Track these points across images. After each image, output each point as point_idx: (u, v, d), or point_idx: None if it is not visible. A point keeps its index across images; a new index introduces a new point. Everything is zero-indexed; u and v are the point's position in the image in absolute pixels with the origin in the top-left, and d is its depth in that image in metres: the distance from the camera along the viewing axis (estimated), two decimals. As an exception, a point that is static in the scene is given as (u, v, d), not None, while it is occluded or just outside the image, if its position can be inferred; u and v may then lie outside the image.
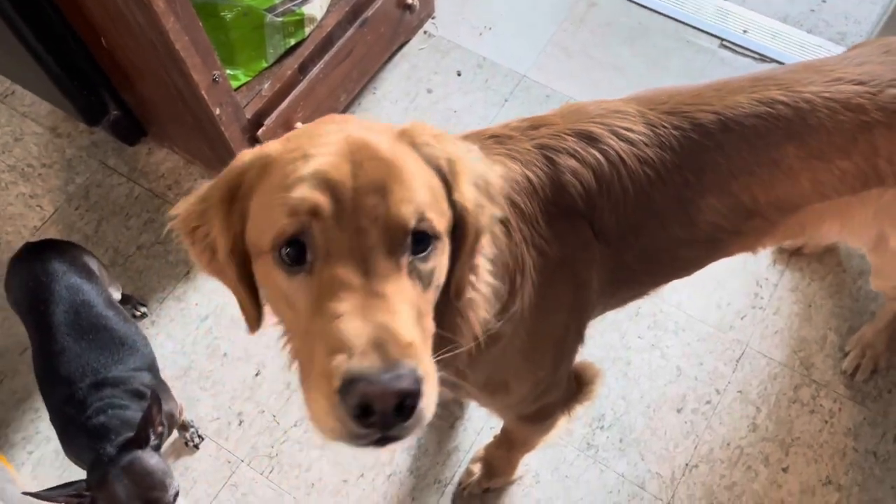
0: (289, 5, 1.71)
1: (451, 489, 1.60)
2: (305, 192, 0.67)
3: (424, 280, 0.72)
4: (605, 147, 0.99)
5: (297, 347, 0.76)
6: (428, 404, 0.64)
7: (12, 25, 1.57)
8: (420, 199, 0.70)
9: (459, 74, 2.11)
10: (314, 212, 0.67)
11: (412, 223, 0.69)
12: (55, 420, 1.39)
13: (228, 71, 1.69)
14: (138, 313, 1.79)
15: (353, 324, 0.63)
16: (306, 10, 1.73)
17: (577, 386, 1.26)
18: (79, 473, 1.35)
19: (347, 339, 0.62)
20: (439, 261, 0.74)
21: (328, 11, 1.80)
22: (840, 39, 2.11)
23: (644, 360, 1.72)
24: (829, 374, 1.68)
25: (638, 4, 2.20)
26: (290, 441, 1.67)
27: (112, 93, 1.87)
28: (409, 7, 1.99)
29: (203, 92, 1.52)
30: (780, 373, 1.69)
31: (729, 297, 1.76)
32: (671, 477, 1.60)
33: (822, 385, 1.67)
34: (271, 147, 0.75)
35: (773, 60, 2.08)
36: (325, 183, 0.68)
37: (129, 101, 1.90)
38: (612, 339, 1.73)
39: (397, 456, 1.65)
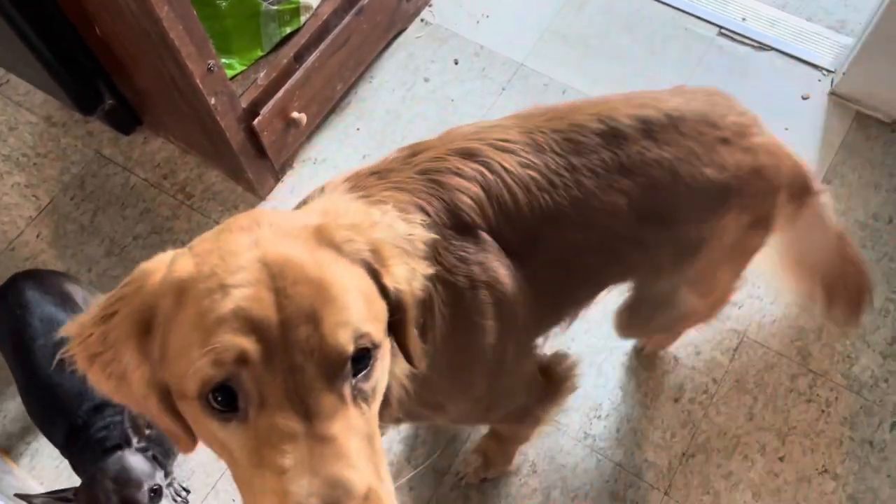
0: (284, -7, 1.69)
1: (448, 479, 1.61)
2: (228, 339, 0.60)
3: (370, 397, 0.67)
4: (486, 159, 0.96)
5: (242, 494, 0.68)
6: None
7: (4, 12, 1.56)
8: (355, 317, 0.64)
9: (457, 63, 2.10)
10: (241, 359, 0.60)
11: (351, 348, 0.63)
12: (65, 453, 1.37)
13: (224, 60, 1.68)
14: None
15: (301, 482, 0.58)
16: (302, -3, 1.71)
17: (551, 384, 1.22)
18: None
19: (298, 499, 0.57)
20: (383, 368, 0.70)
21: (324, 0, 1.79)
22: (840, 27, 2.10)
23: (641, 350, 1.72)
24: (826, 363, 1.68)
25: (636, -8, 2.18)
26: (288, 431, 1.67)
27: (106, 82, 1.86)
28: (406, -5, 1.98)
29: (198, 81, 1.51)
30: (778, 362, 1.69)
31: (726, 286, 1.76)
32: (668, 466, 1.60)
33: (819, 374, 1.67)
34: (180, 268, 0.66)
35: (771, 48, 2.06)
36: (250, 323, 0.61)
37: (124, 90, 1.89)
38: (610, 330, 1.72)
39: (395, 446, 1.65)
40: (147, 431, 1.28)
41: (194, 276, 0.64)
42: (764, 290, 1.76)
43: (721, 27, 2.11)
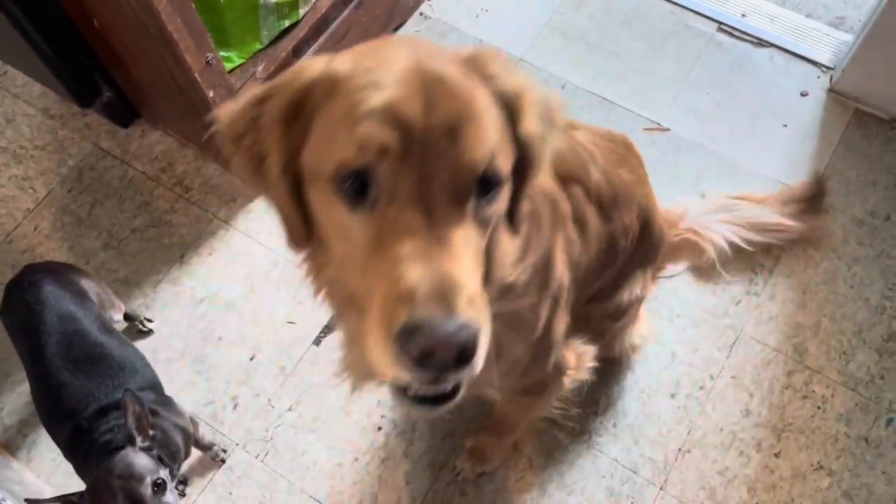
0: (283, -14, 1.69)
1: (445, 474, 1.61)
2: (375, 129, 0.64)
3: (486, 224, 0.70)
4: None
5: (348, 282, 0.72)
6: (481, 354, 0.63)
7: (2, 5, 1.55)
8: (492, 141, 0.68)
9: (456, 57, 2.09)
10: (382, 150, 0.64)
11: (483, 166, 0.66)
12: (68, 455, 1.36)
13: (222, 53, 1.67)
14: (145, 329, 1.76)
15: (416, 269, 0.61)
16: (301, -9, 1.71)
17: (566, 367, 1.25)
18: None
19: (411, 284, 0.60)
20: (502, 203, 0.73)
21: (323, -7, 1.78)
22: (839, 24, 2.10)
23: (638, 346, 1.72)
24: (823, 360, 1.69)
25: (636, -13, 2.18)
26: (285, 425, 1.67)
27: (104, 74, 1.85)
28: (405, -12, 1.97)
29: (196, 75, 1.50)
30: (774, 359, 1.70)
31: (724, 283, 1.77)
32: (664, 461, 1.61)
33: (815, 371, 1.68)
34: (339, 64, 0.70)
35: (770, 45, 2.06)
36: (396, 121, 0.64)
37: (122, 83, 1.89)
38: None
39: (392, 440, 1.65)
40: (151, 432, 1.27)
41: (350, 72, 0.68)
42: (762, 286, 1.76)
43: (720, 23, 2.11)
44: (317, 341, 1.75)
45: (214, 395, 1.71)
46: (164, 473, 1.23)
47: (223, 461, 1.64)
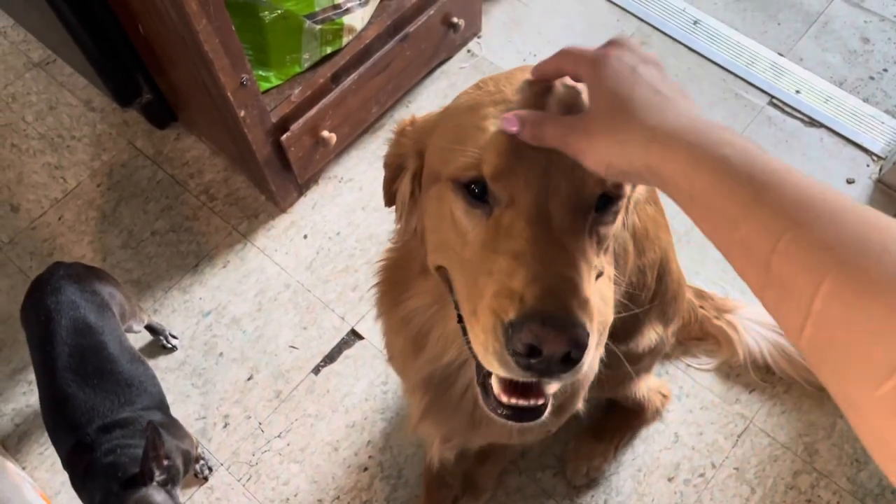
0: (329, 13, 1.68)
1: (425, 525, 1.57)
2: (498, 144, 0.65)
3: (600, 241, 0.69)
4: None
5: (458, 274, 0.73)
6: (588, 360, 0.62)
7: (52, 2, 1.58)
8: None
9: (497, 99, 2.06)
10: (504, 166, 0.65)
11: (606, 185, 0.66)
12: (67, 466, 1.35)
13: (261, 72, 1.67)
14: (169, 345, 1.74)
15: (532, 265, 0.61)
16: (347, 19, 1.70)
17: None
18: (56, 454, 1.35)
19: (526, 278, 0.60)
20: (617, 222, 0.72)
21: (369, 23, 1.77)
22: (896, 112, 2.03)
23: (642, 422, 1.66)
24: (833, 464, 1.61)
25: (690, 49, 2.13)
26: (272, 452, 1.65)
27: (146, 76, 1.87)
28: (454, 26, 1.95)
29: (230, 94, 1.50)
30: (782, 455, 1.63)
31: (740, 368, 1.70)
32: (652, 547, 1.55)
33: (823, 475, 1.60)
34: (470, 90, 0.75)
35: (821, 125, 2.00)
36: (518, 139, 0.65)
37: (162, 86, 1.90)
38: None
39: (377, 483, 1.62)
40: (166, 463, 1.25)
41: (482, 93, 0.71)
42: (778, 377, 1.69)
43: (773, 97, 2.05)
44: (316, 370, 1.73)
45: (207, 411, 1.70)
46: None
47: (206, 479, 1.62)
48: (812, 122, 2.01)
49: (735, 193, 0.49)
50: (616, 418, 1.62)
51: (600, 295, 0.88)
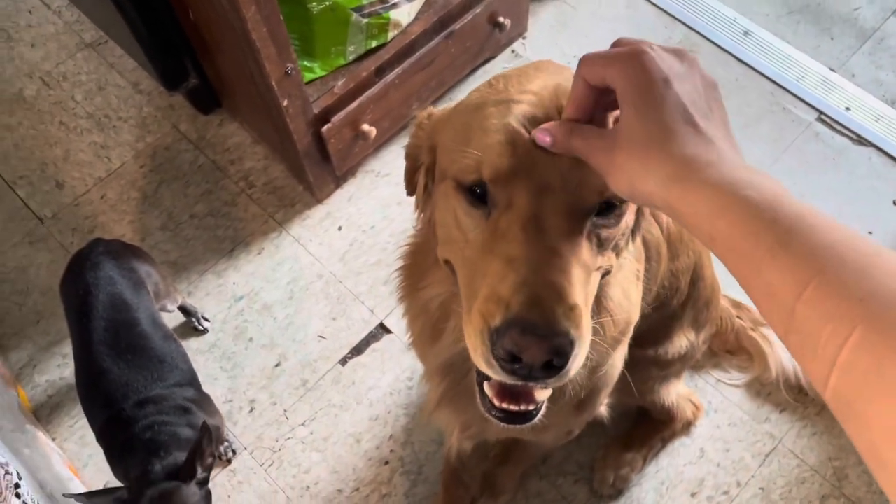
0: (377, 7, 1.68)
1: (442, 523, 1.57)
2: (499, 148, 0.65)
3: (602, 243, 0.69)
4: None
5: (459, 270, 0.74)
6: (575, 367, 0.63)
7: (107, -16, 1.61)
8: None
9: (539, 100, 2.05)
10: (504, 170, 0.65)
11: (606, 194, 0.65)
12: (101, 440, 1.37)
13: (306, 63, 1.68)
14: (200, 327, 1.77)
15: (521, 271, 0.62)
16: (393, 14, 1.70)
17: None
18: (86, 426, 1.37)
19: (513, 284, 0.61)
20: (621, 224, 0.71)
21: (415, 19, 1.77)
22: (950, 134, 1.97)
23: (667, 434, 1.64)
24: (862, 490, 1.57)
25: (738, 60, 2.09)
26: (295, 439, 1.66)
27: (193, 61, 1.89)
28: (500, 25, 1.94)
29: (274, 82, 1.52)
30: (810, 478, 1.59)
31: (771, 386, 1.67)
32: (670, 562, 1.53)
33: (852, 501, 1.56)
34: (478, 91, 0.75)
35: (870, 144, 1.95)
36: (523, 138, 0.65)
37: (209, 72, 1.92)
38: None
39: (397, 477, 1.62)
40: (209, 461, 1.26)
41: (491, 91, 0.72)
42: (811, 397, 1.65)
43: (822, 112, 2.00)
44: (343, 361, 1.74)
45: (234, 395, 1.72)
46: None
47: (229, 461, 1.64)
48: (861, 141, 1.96)
49: (759, 237, 0.48)
50: (645, 427, 1.61)
51: (623, 292, 0.87)
